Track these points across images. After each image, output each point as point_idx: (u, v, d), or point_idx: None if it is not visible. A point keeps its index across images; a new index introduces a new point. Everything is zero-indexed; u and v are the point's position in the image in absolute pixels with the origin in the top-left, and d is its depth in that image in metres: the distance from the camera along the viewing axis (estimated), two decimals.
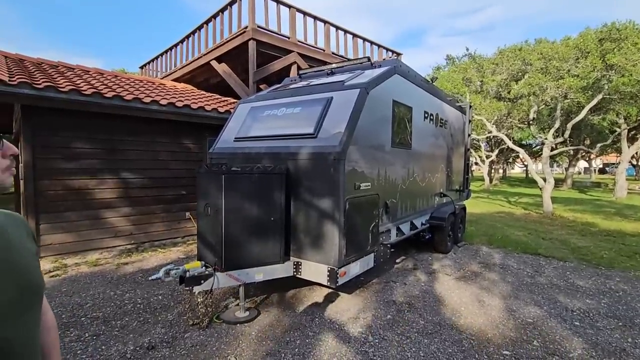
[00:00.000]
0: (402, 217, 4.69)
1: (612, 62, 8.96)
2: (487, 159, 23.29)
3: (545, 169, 11.12)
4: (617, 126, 16.01)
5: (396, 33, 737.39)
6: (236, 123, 4.57)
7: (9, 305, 0.72)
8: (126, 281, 4.40)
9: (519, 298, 4.01)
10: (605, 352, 2.87)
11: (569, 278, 4.72)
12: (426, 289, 4.26)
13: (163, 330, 3.14)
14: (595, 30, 10.28)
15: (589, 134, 19.40)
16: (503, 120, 13.63)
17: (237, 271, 3.26)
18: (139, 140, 5.92)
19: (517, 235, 7.55)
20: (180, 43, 9.49)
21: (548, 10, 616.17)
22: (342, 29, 8.71)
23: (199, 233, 3.50)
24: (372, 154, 3.85)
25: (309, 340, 3.00)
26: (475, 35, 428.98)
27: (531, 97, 10.92)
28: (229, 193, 3.19)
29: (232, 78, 7.74)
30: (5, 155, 0.76)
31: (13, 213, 0.88)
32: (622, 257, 5.81)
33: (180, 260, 5.28)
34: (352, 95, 3.64)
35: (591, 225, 8.81)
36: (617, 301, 3.94)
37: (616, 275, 4.85)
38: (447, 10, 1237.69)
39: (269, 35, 7.13)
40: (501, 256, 5.83)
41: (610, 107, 12.67)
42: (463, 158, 7.34)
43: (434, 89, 5.76)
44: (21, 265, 0.78)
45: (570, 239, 7.25)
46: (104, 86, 5.98)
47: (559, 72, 10.02)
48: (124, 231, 5.83)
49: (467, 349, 2.90)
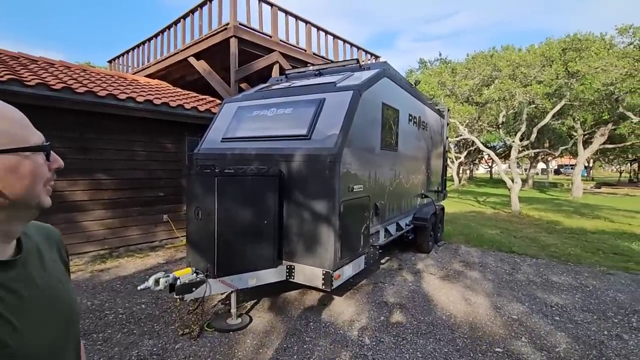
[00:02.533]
0: (389, 218, 4.74)
1: (574, 70, 9.60)
2: (457, 160, 24.23)
3: (513, 170, 11.72)
4: (574, 131, 17.18)
5: (369, 35, 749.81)
6: (223, 123, 4.42)
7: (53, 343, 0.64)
8: (103, 290, 4.13)
9: (501, 295, 4.18)
10: (587, 345, 3.05)
11: (543, 274, 4.99)
12: (414, 289, 4.34)
13: (151, 341, 2.97)
14: (558, 40, 10.98)
15: (549, 138, 20.69)
16: (473, 123, 14.22)
17: (230, 277, 3.14)
18: (113, 139, 5.58)
19: (491, 233, 7.89)
20: (155, 37, 9.06)
21: (512, 19, 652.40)
22: (323, 30, 8.69)
23: (189, 238, 3.35)
24: (364, 156, 3.86)
25: (307, 346, 2.95)
26: (445, 40, 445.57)
27: (500, 102, 11.48)
28: (222, 196, 3.07)
29: (211, 76, 7.49)
30: (50, 168, 0.66)
31: (42, 225, 0.79)
32: (587, 253, 6.23)
33: (161, 266, 5.04)
34: (345, 97, 3.63)
35: (555, 223, 9.39)
36: (589, 295, 4.21)
37: (584, 271, 5.18)
38: (418, 15, 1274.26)
39: (250, 33, 6.97)
40: (479, 254, 6.06)
41: (570, 113, 13.59)
42: (441, 159, 7.57)
43: (417, 92, 5.88)
44: (60, 292, 0.70)
45: (539, 236, 7.67)
46: (74, 81, 5.58)
47: (527, 79, 10.60)
48: (97, 236, 5.47)
49: (462, 347, 2.98)
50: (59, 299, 0.68)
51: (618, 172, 40.49)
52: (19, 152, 0.59)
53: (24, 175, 0.59)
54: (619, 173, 39.78)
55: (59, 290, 0.69)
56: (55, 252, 0.78)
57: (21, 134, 0.60)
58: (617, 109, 12.37)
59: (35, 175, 0.61)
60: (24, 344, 0.57)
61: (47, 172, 0.65)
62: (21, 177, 0.59)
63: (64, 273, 0.78)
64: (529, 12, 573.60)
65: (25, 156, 0.60)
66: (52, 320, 0.65)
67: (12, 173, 0.57)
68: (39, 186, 0.62)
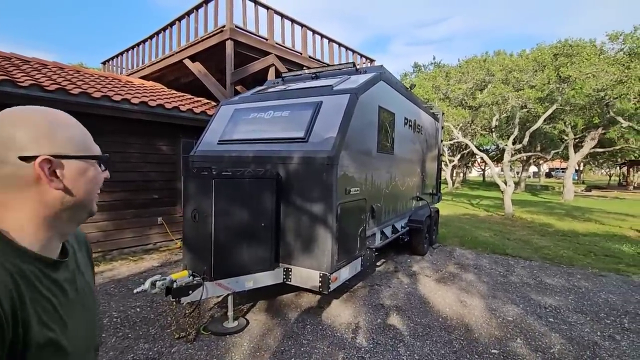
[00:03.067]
0: (385, 220, 4.76)
1: (565, 75, 9.77)
2: (450, 163, 24.44)
3: (507, 173, 11.85)
4: (565, 135, 17.46)
5: (363, 39, 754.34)
6: (219, 125, 4.41)
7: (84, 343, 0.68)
8: (97, 293, 4.06)
9: (496, 297, 4.21)
10: (581, 346, 3.09)
11: (537, 276, 5.04)
12: (410, 291, 4.36)
13: (147, 345, 2.94)
14: (550, 45, 11.18)
15: (541, 141, 20.99)
16: (467, 127, 14.37)
17: (227, 279, 3.13)
18: (107, 141, 5.52)
19: (485, 236, 7.96)
20: (149, 39, 9.01)
21: (504, 25, 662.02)
22: (318, 34, 8.74)
23: (186, 240, 3.33)
24: (361, 158, 3.88)
25: (304, 348, 2.94)
26: (438, 45, 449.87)
27: (493, 106, 11.63)
28: (219, 198, 3.06)
29: (207, 78, 7.47)
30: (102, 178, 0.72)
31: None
32: (579, 255, 6.32)
33: (155, 269, 4.99)
34: (342, 100, 3.65)
35: (548, 226, 9.51)
36: (582, 297, 4.27)
37: (577, 273, 5.25)
38: (412, 20, 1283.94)
39: (247, 35, 6.98)
40: (474, 257, 6.11)
41: (562, 117, 13.81)
42: (436, 162, 7.63)
43: (412, 96, 5.94)
44: (89, 295, 0.74)
45: (531, 239, 7.76)
46: (68, 82, 5.53)
47: (519, 83, 10.76)
48: (90, 239, 5.36)
49: (458, 349, 3.00)
50: (89, 301, 0.73)
51: (608, 175, 41.18)
52: (87, 159, 0.66)
53: (89, 180, 0.66)
54: (608, 176, 40.44)
55: (88, 293, 0.73)
56: (84, 254, 0.81)
57: (89, 144, 0.68)
58: (607, 113, 12.61)
59: (95, 181, 0.68)
60: (71, 343, 0.61)
61: (102, 180, 0.71)
62: (87, 181, 0.65)
63: (91, 276, 0.81)
64: (520, 18, 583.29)
65: (91, 163, 0.67)
66: (84, 321, 0.69)
67: (81, 176, 0.64)
68: (96, 192, 0.69)
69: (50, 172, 0.60)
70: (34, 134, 0.59)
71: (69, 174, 0.62)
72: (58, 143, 0.61)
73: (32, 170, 0.59)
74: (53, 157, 0.60)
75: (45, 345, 0.56)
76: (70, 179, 0.62)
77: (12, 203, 0.60)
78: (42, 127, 0.61)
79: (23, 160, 0.58)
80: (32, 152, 0.58)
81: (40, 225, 0.62)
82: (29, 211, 0.60)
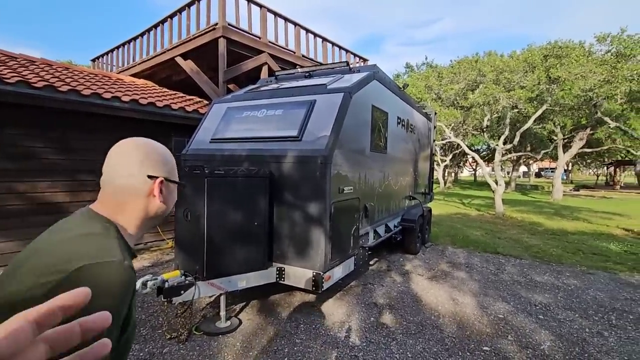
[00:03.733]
0: (378, 220, 4.78)
1: (555, 76, 9.93)
2: (442, 163, 24.64)
3: (497, 173, 11.99)
4: (555, 135, 17.73)
5: (356, 39, 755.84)
6: (211, 123, 4.37)
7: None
8: None
9: (487, 295, 4.26)
10: (570, 342, 3.14)
11: (527, 274, 5.11)
12: (403, 289, 4.38)
13: (137, 346, 2.90)
14: (540, 47, 11.34)
15: (531, 142, 21.28)
16: (459, 127, 14.50)
17: (219, 279, 3.10)
18: (97, 139, 5.44)
19: (476, 235, 8.05)
20: (140, 36, 8.89)
21: (494, 26, 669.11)
22: (312, 32, 8.72)
23: (177, 240, 3.30)
24: (354, 157, 3.88)
25: (297, 348, 2.94)
26: (430, 46, 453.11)
27: (485, 107, 11.75)
28: (212, 197, 3.03)
29: (199, 76, 7.41)
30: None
31: None
32: (568, 253, 6.42)
33: (146, 269, 4.93)
34: (336, 99, 3.65)
35: (537, 225, 9.65)
36: (571, 294, 4.34)
37: (566, 271, 5.34)
38: (404, 20, 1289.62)
39: (239, 34, 6.93)
40: (465, 255, 6.17)
41: (551, 117, 14.02)
42: (428, 162, 7.69)
43: (405, 95, 5.96)
44: None
45: (522, 237, 7.87)
46: (56, 79, 5.42)
47: (510, 84, 10.89)
48: None
49: (451, 347, 3.02)
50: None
51: (595, 175, 41.97)
52: (176, 183, 0.90)
53: (174, 199, 0.91)
54: (596, 176, 41.23)
55: None
56: None
57: (176, 172, 0.91)
58: (595, 114, 12.85)
59: (174, 200, 0.92)
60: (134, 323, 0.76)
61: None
62: (173, 199, 0.90)
63: None
64: (511, 20, 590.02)
65: (176, 186, 0.90)
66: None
67: (171, 195, 0.89)
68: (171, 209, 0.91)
69: (160, 189, 0.83)
70: (158, 160, 0.84)
71: (167, 193, 0.86)
72: (168, 170, 0.86)
73: (151, 185, 0.81)
74: (165, 179, 0.84)
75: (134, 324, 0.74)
76: (167, 196, 0.86)
77: (128, 206, 0.80)
78: (162, 156, 0.85)
79: (149, 177, 0.81)
80: (156, 173, 0.82)
81: (138, 227, 0.82)
82: (137, 214, 0.81)
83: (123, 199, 0.79)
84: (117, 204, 0.79)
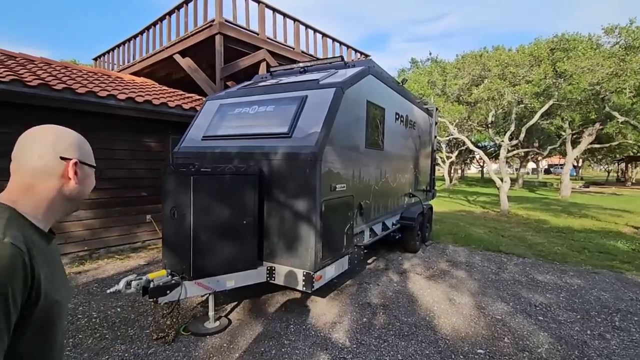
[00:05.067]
0: (374, 218, 4.68)
1: (562, 70, 9.67)
2: (448, 160, 24.36)
3: (503, 169, 11.76)
4: (563, 130, 17.36)
5: (361, 36, 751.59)
6: (204, 121, 4.31)
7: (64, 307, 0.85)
8: (79, 292, 3.99)
9: (486, 295, 4.14)
10: (569, 345, 3.02)
11: (529, 274, 4.97)
12: (399, 289, 4.29)
13: (123, 347, 2.86)
14: (546, 40, 11.06)
15: (538, 137, 20.89)
16: (463, 123, 14.27)
17: (206, 279, 3.05)
18: (94, 138, 5.33)
19: (479, 233, 7.89)
20: (140, 34, 8.89)
21: (501, 22, 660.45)
22: (311, 28, 8.62)
23: (164, 239, 3.25)
24: (347, 154, 3.79)
25: (285, 349, 2.87)
26: (436, 42, 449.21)
27: (490, 102, 11.52)
28: (198, 195, 2.97)
29: (197, 73, 7.37)
30: None
31: None
32: (573, 252, 6.25)
33: (141, 268, 4.91)
34: (327, 95, 3.56)
35: (543, 223, 9.44)
36: (574, 295, 4.20)
37: (570, 270, 5.18)
38: (410, 17, 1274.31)
39: (237, 30, 6.86)
40: (466, 254, 6.04)
41: (558, 112, 13.71)
42: (430, 159, 7.54)
43: (404, 90, 5.83)
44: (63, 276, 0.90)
45: (526, 235, 7.70)
46: (53, 77, 5.41)
47: (515, 78, 10.65)
48: (76, 237, 5.31)
49: (444, 349, 2.93)
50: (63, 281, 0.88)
51: (606, 171, 41.12)
52: (92, 167, 0.91)
53: (91, 182, 0.92)
54: (607, 172, 40.39)
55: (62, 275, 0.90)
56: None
57: (93, 157, 0.93)
58: (603, 108, 12.51)
59: (92, 185, 0.93)
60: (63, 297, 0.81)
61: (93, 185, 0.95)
62: (90, 182, 0.91)
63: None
64: (518, 14, 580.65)
65: (93, 170, 0.92)
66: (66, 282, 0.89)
67: (87, 178, 0.90)
68: (88, 193, 0.92)
69: (74, 171, 0.84)
70: (71, 143, 0.86)
71: (82, 176, 0.87)
72: (82, 153, 0.87)
73: (64, 167, 0.83)
74: (79, 161, 0.85)
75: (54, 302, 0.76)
76: (82, 179, 0.87)
77: (37, 188, 0.80)
78: (76, 140, 0.88)
79: (62, 159, 0.82)
80: (69, 155, 0.84)
81: (49, 208, 0.82)
82: (47, 195, 0.81)
83: (32, 181, 0.80)
84: (23, 187, 0.80)
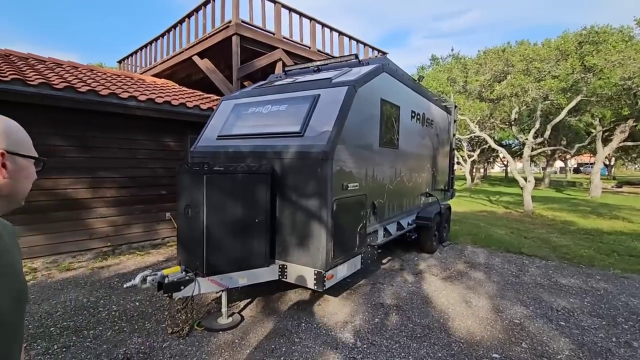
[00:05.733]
0: (389, 217, 4.62)
1: (591, 64, 9.20)
2: (469, 159, 23.75)
3: (526, 168, 11.35)
4: (593, 128, 16.55)
5: (381, 33, 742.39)
6: (219, 120, 4.39)
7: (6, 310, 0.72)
8: (101, 286, 4.16)
9: (505, 298, 4.01)
10: (592, 352, 2.87)
11: (552, 277, 4.78)
12: (413, 290, 4.22)
13: (140, 339, 2.96)
14: (574, 33, 10.55)
15: (566, 135, 20.01)
16: (485, 120, 13.86)
17: (219, 276, 3.10)
18: (116, 138, 5.63)
19: (500, 234, 7.65)
20: (161, 37, 9.15)
21: (526, 15, 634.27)
22: (328, 27, 8.60)
23: (179, 236, 3.33)
24: (360, 153, 3.76)
25: (295, 347, 2.88)
26: (457, 38, 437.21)
27: (513, 98, 11.12)
28: (211, 194, 3.03)
29: (214, 74, 7.51)
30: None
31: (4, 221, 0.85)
32: (600, 255, 5.95)
33: (160, 264, 5.06)
34: (340, 93, 3.54)
35: (570, 224, 9.04)
36: (600, 300, 4.00)
37: (596, 274, 4.94)
38: (431, 12, 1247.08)
39: (253, 30, 6.94)
40: (486, 255, 5.87)
41: (587, 109, 13.07)
42: (448, 158, 7.37)
43: (420, 88, 5.73)
44: (17, 271, 0.80)
45: (550, 237, 7.39)
46: (78, 80, 5.66)
47: (540, 74, 10.23)
48: (100, 233, 5.54)
49: (457, 352, 2.86)
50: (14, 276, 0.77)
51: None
52: (29, 159, 0.79)
53: (27, 176, 0.80)
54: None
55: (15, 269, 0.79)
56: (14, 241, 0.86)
57: (31, 147, 0.81)
58: (636, 104, 11.83)
59: (32, 178, 0.81)
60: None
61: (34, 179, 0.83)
62: (26, 176, 0.79)
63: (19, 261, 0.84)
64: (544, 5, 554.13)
65: (31, 162, 0.81)
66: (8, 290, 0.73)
67: (22, 171, 0.77)
68: (29, 187, 0.81)
69: (1, 164, 0.72)
70: None
71: (14, 168, 0.75)
72: (11, 142, 0.74)
73: None
74: (6, 152, 0.73)
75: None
76: (14, 172, 0.75)
77: None
78: (4, 128, 0.74)
79: None
80: None
81: None
82: None
83: None
84: None
